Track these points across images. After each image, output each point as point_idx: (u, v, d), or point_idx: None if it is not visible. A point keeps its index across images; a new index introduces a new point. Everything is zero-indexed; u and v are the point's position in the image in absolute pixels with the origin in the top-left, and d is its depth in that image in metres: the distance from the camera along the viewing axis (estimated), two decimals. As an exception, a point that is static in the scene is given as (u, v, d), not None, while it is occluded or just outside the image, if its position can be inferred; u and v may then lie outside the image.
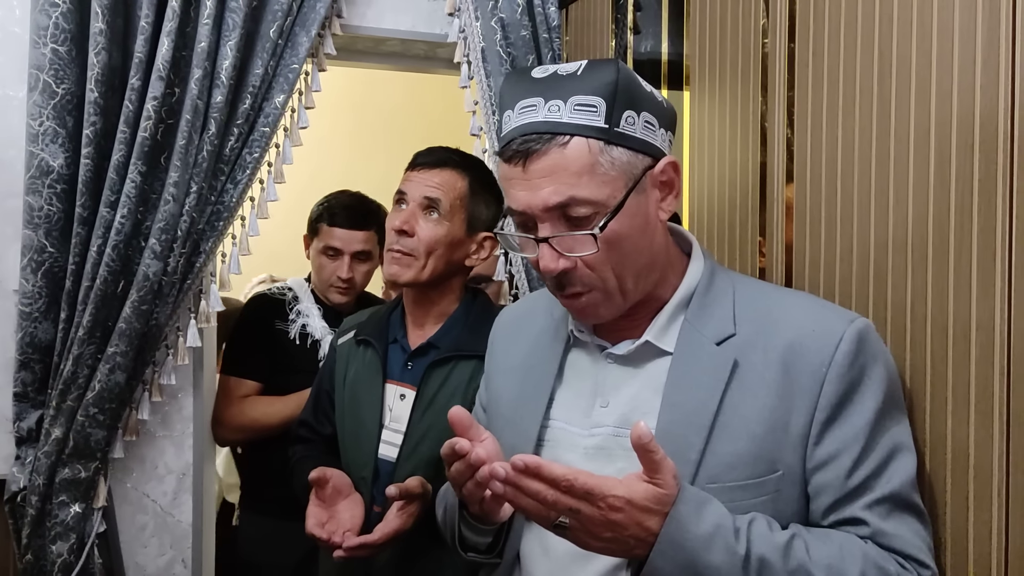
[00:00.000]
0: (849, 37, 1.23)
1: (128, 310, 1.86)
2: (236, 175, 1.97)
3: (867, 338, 1.01)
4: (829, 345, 0.99)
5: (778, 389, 0.99)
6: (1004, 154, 0.98)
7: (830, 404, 0.98)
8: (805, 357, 0.99)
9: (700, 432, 1.00)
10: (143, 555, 2.08)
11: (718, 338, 1.03)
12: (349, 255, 2.22)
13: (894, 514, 0.98)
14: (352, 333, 1.71)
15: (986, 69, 1.01)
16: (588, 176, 0.98)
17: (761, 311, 1.05)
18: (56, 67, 1.82)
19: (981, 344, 1.01)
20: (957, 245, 1.05)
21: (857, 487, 0.98)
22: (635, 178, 1.00)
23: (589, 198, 0.99)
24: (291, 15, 1.99)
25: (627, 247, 1.02)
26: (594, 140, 0.98)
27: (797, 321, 1.02)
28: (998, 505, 1.00)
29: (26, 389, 1.89)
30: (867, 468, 0.98)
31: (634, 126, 1.00)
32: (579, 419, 1.09)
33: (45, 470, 1.87)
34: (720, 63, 1.55)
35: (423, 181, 1.58)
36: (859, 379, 0.99)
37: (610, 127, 0.98)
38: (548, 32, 2.13)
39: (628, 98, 0.99)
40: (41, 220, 1.83)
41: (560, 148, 0.98)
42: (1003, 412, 0.99)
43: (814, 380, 0.99)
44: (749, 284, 1.12)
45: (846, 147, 1.24)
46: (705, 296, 1.07)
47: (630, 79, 1.00)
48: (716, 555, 0.91)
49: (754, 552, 0.92)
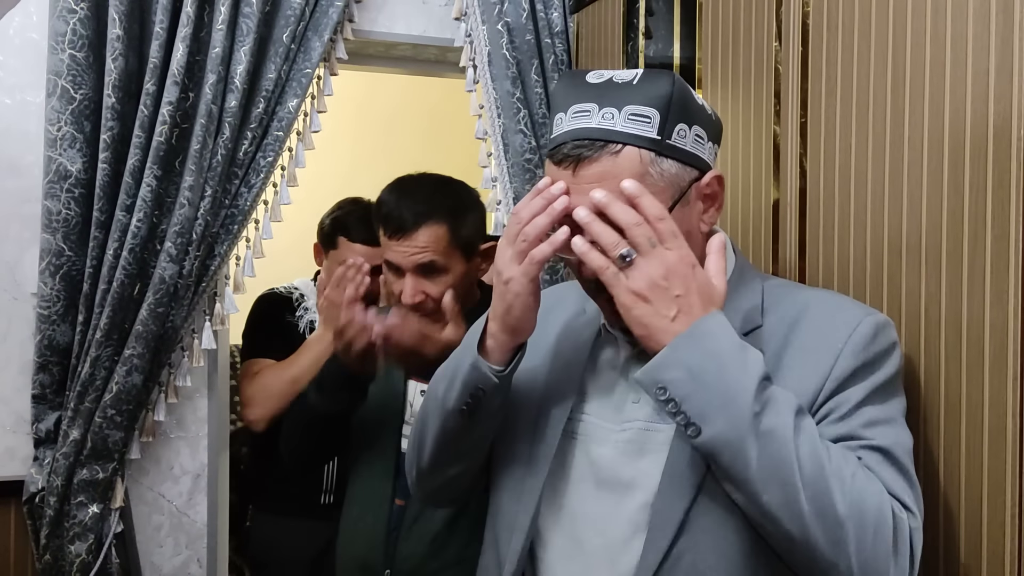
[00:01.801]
0: (862, 43, 1.25)
1: (144, 313, 1.88)
2: (250, 179, 1.99)
3: (885, 331, 1.02)
4: (848, 327, 1.01)
5: (794, 380, 1.00)
6: (1017, 163, 1.00)
7: (839, 377, 0.99)
8: (824, 340, 1.01)
9: None
10: (159, 555, 2.10)
11: (745, 329, 1.05)
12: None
13: (888, 464, 0.96)
14: None
15: (999, 77, 1.02)
16: None
17: (788, 303, 1.07)
18: (74, 73, 1.84)
19: (994, 348, 1.03)
20: (971, 251, 1.06)
21: (847, 434, 0.97)
22: (682, 190, 1.02)
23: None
24: (304, 20, 2.01)
25: None
26: (646, 151, 0.99)
27: (821, 311, 1.05)
28: (1012, 506, 1.01)
29: (44, 391, 1.91)
30: (862, 418, 0.97)
31: (685, 139, 1.01)
32: (611, 415, 1.10)
33: (63, 471, 1.89)
34: (732, 68, 1.56)
35: (408, 251, 1.55)
36: (872, 361, 1.00)
37: (662, 139, 1.00)
38: (551, 37, 2.15)
39: (681, 111, 1.01)
40: (59, 224, 1.85)
41: (612, 156, 1.00)
42: (1016, 415, 1.01)
43: (830, 355, 1.00)
44: (780, 281, 1.16)
45: (859, 152, 1.25)
46: (735, 292, 1.07)
47: (684, 92, 1.02)
48: (735, 373, 0.92)
49: (772, 396, 0.92)
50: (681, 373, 0.93)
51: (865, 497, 0.91)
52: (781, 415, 0.91)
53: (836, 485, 0.90)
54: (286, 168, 2.10)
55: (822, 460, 0.91)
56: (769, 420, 0.91)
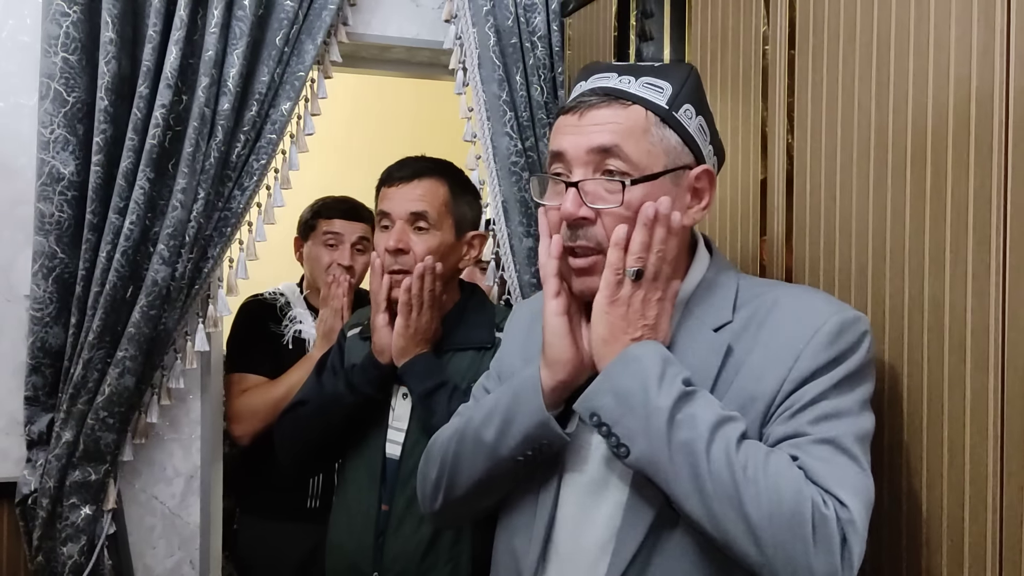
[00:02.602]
0: (848, 45, 1.25)
1: (137, 315, 1.88)
2: (243, 181, 1.99)
3: (852, 327, 1.04)
4: (811, 328, 1.03)
5: (757, 370, 1.04)
6: (998, 164, 1.00)
7: (797, 379, 1.01)
8: (787, 338, 1.03)
9: None
10: (151, 556, 2.10)
11: (715, 325, 1.08)
12: (349, 243, 2.26)
13: (832, 457, 0.99)
14: (359, 329, 1.74)
15: (981, 79, 1.03)
16: (637, 138, 1.05)
17: (759, 299, 1.10)
18: (67, 76, 1.84)
19: (976, 349, 1.03)
20: (953, 253, 1.07)
21: (797, 432, 1.00)
22: (676, 164, 1.06)
23: (630, 155, 1.05)
24: (297, 23, 2.01)
25: None
26: (652, 113, 1.06)
27: (790, 308, 1.07)
28: (993, 509, 1.02)
29: (37, 393, 1.91)
30: (810, 414, 1.00)
31: (690, 120, 1.07)
32: None
33: (56, 473, 1.89)
34: (721, 70, 1.57)
35: (405, 196, 1.59)
36: (833, 360, 1.02)
37: (670, 109, 1.06)
38: (532, 41, 2.15)
39: (692, 95, 1.07)
40: (52, 226, 1.86)
41: (621, 107, 1.06)
42: (997, 416, 1.01)
43: (790, 356, 1.02)
44: (754, 279, 1.18)
45: (845, 152, 1.26)
46: (708, 289, 1.12)
47: (699, 83, 1.09)
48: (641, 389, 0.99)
49: (685, 406, 0.97)
50: (610, 399, 0.99)
51: (780, 496, 0.93)
52: (696, 428, 0.95)
53: (747, 489, 0.93)
54: (279, 170, 2.11)
55: (733, 467, 0.94)
56: (683, 435, 0.95)
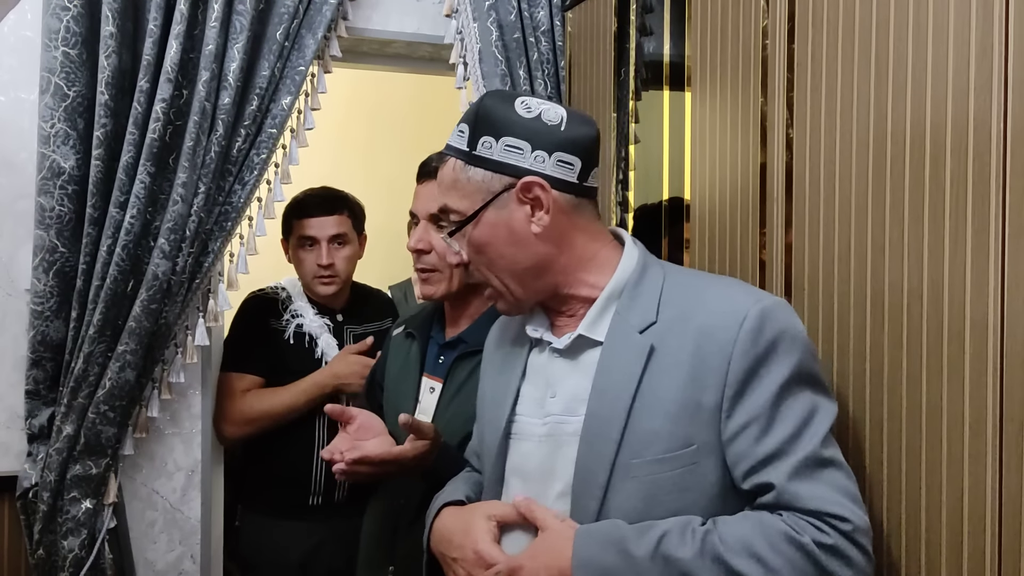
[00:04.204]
0: (847, 39, 1.25)
1: (138, 309, 1.88)
2: (244, 176, 2.00)
3: (772, 316, 1.07)
4: (734, 324, 1.07)
5: (690, 370, 1.08)
6: (997, 155, 1.00)
7: (737, 380, 1.06)
8: (714, 337, 1.07)
9: (621, 413, 1.09)
10: (152, 551, 2.11)
11: (641, 326, 1.12)
12: (325, 241, 2.19)
13: (810, 474, 1.04)
14: (403, 327, 1.74)
15: (980, 72, 1.02)
16: (453, 190, 1.18)
17: (683, 298, 1.13)
18: (67, 70, 1.85)
19: (975, 342, 1.03)
20: (952, 245, 1.06)
21: (769, 455, 1.05)
22: (493, 193, 1.14)
23: (454, 208, 1.18)
24: (297, 18, 2.01)
25: (491, 253, 1.17)
26: (458, 160, 1.17)
27: (711, 304, 1.11)
28: (992, 501, 1.02)
29: (38, 387, 1.92)
30: (777, 436, 1.05)
31: (491, 149, 1.14)
32: (535, 410, 1.21)
33: (56, 466, 1.90)
34: (721, 64, 1.57)
35: (427, 196, 1.57)
36: (764, 355, 1.06)
37: (469, 150, 1.15)
38: (535, 35, 2.15)
39: (486, 125, 1.15)
40: (52, 220, 1.86)
41: (445, 165, 1.19)
42: (996, 410, 1.01)
43: (722, 358, 1.06)
44: (680, 274, 1.21)
45: (844, 146, 1.25)
46: (635, 288, 1.16)
47: (491, 108, 1.15)
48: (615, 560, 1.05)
49: (659, 551, 1.03)
50: None
51: (780, 568, 1.00)
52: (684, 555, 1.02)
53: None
54: (279, 165, 2.11)
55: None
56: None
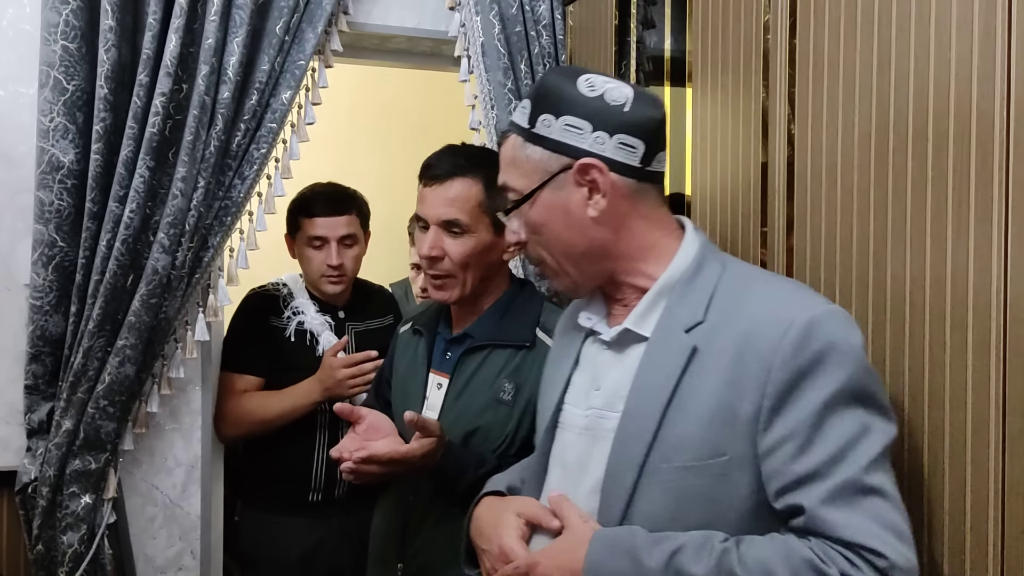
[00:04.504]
0: (849, 32, 1.25)
1: (137, 303, 1.88)
2: (243, 170, 1.99)
3: (821, 325, 1.00)
4: (778, 332, 1.00)
5: (729, 376, 1.02)
6: (1000, 145, 1.00)
7: (776, 392, 0.99)
8: (756, 343, 1.01)
9: (655, 415, 1.05)
10: (152, 546, 2.10)
11: (688, 325, 1.07)
12: (335, 241, 2.17)
13: (848, 501, 0.96)
14: (410, 324, 1.74)
15: (982, 62, 1.02)
16: (512, 167, 1.15)
17: (734, 298, 1.08)
18: (66, 64, 1.84)
19: (978, 332, 1.03)
20: (954, 235, 1.06)
21: (804, 475, 0.98)
22: (550, 173, 1.11)
23: (512, 186, 1.15)
24: (298, 12, 2.01)
25: (547, 234, 1.14)
26: (518, 137, 1.14)
27: (758, 308, 1.04)
28: (994, 492, 1.01)
29: (37, 381, 1.91)
30: (815, 456, 0.97)
31: (550, 128, 1.11)
32: (581, 401, 1.17)
33: (56, 462, 1.89)
34: (723, 59, 1.56)
35: (436, 202, 1.54)
36: (808, 367, 0.99)
37: (529, 127, 1.12)
38: (536, 29, 2.15)
39: (546, 102, 1.11)
40: (52, 215, 1.85)
41: (506, 141, 1.17)
42: (999, 399, 1.01)
43: (762, 367, 1.00)
44: (739, 272, 1.13)
45: (846, 140, 1.25)
46: (688, 283, 1.10)
47: (553, 85, 1.11)
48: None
49: (672, 564, 0.99)
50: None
51: None
52: None
53: None
54: (280, 160, 2.10)
55: None
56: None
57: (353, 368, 2.07)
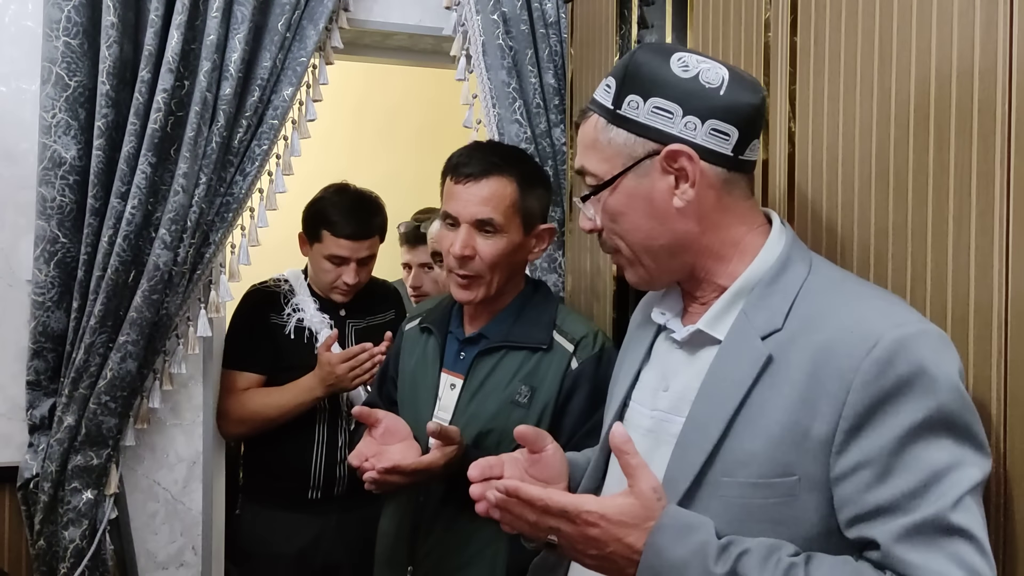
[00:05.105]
0: (850, 30, 1.25)
1: (139, 299, 1.88)
2: (245, 167, 2.00)
3: (911, 347, 0.90)
4: (861, 349, 0.90)
5: (803, 392, 0.93)
6: (1002, 140, 1.00)
7: (855, 413, 0.90)
8: (835, 359, 0.92)
9: (719, 425, 0.97)
10: (154, 542, 2.11)
11: (765, 331, 0.99)
12: (355, 261, 2.16)
13: (928, 541, 0.87)
14: (418, 320, 1.71)
15: (984, 56, 1.02)
16: (592, 150, 1.06)
17: (818, 306, 0.98)
18: (68, 60, 1.84)
19: (979, 326, 1.03)
20: (956, 230, 1.06)
21: (880, 507, 0.89)
22: (634, 159, 1.03)
23: (590, 170, 1.07)
24: (299, 9, 2.01)
25: (627, 223, 1.06)
26: (601, 118, 1.05)
27: (841, 319, 0.95)
28: (994, 491, 1.02)
29: (39, 377, 1.92)
30: (893, 488, 0.88)
31: (637, 110, 1.02)
32: (648, 399, 1.11)
33: (57, 457, 1.90)
34: (723, 56, 1.56)
35: (470, 200, 1.50)
36: (893, 391, 0.89)
37: (614, 108, 1.04)
38: (545, 28, 2.15)
39: (634, 82, 1.02)
40: (54, 211, 1.86)
41: (587, 121, 1.08)
42: (1000, 394, 1.01)
43: (840, 385, 0.91)
44: (827, 275, 1.04)
45: (847, 137, 1.25)
46: (769, 286, 1.02)
47: (643, 64, 1.03)
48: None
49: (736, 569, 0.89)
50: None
51: None
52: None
53: None
54: (281, 156, 2.11)
55: None
56: None
57: (351, 361, 2.07)
